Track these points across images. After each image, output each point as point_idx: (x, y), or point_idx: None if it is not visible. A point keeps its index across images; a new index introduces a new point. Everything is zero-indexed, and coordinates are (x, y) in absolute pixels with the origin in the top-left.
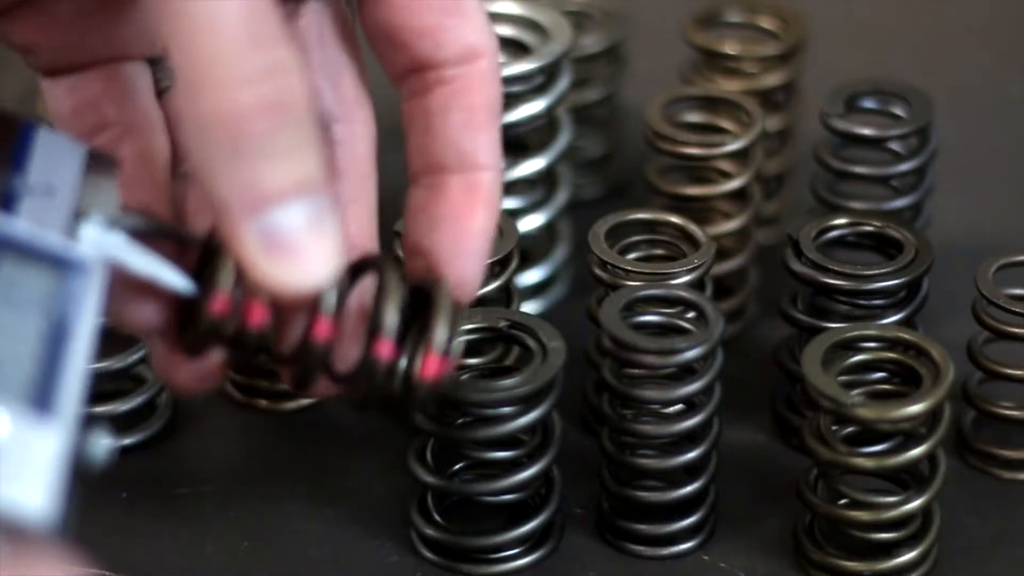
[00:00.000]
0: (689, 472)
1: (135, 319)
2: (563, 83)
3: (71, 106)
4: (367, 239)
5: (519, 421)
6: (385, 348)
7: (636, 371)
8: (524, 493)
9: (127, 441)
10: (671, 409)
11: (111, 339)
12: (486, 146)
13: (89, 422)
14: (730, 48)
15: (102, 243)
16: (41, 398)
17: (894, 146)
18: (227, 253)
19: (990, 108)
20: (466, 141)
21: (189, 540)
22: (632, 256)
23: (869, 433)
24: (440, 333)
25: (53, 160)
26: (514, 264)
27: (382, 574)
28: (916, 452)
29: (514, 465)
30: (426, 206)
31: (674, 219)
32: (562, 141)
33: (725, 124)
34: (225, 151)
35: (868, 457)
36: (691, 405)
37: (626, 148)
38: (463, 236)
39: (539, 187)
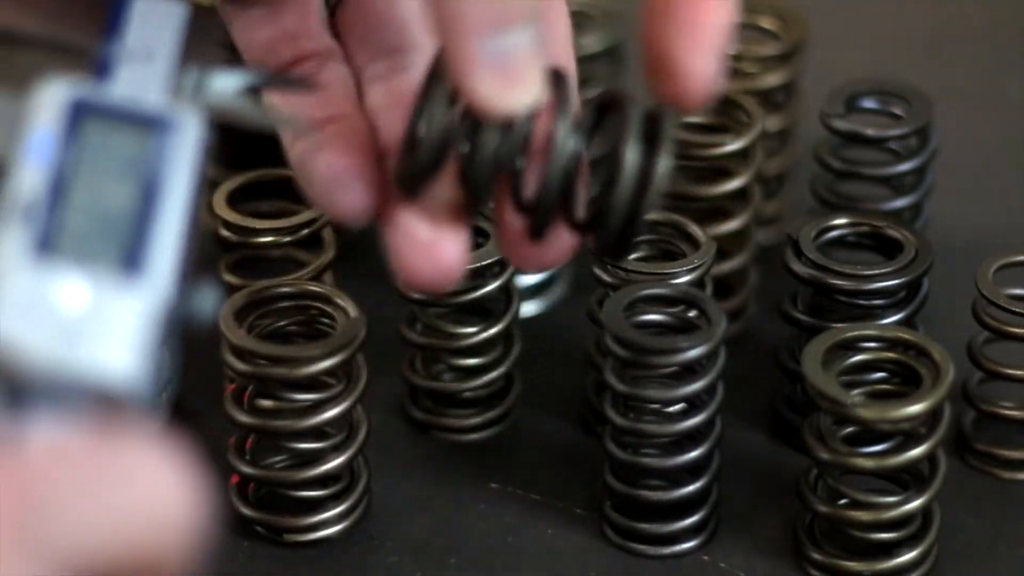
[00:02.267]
0: (691, 471)
1: (344, 207)
2: None
3: (267, 38)
4: (565, 56)
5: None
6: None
7: (639, 370)
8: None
9: None
10: (673, 408)
11: None
12: None
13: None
14: (730, 48)
15: (204, 98)
16: (130, 260)
17: (894, 146)
18: (439, 80)
19: (990, 108)
20: None
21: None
22: (632, 256)
23: (869, 433)
24: (663, 165)
25: (152, 22)
26: None
27: (382, 574)
28: (916, 452)
29: None
30: (662, 6)
31: (674, 219)
32: None
33: (725, 124)
34: None
35: (868, 457)
36: (693, 404)
37: None
38: (698, 30)
39: None
